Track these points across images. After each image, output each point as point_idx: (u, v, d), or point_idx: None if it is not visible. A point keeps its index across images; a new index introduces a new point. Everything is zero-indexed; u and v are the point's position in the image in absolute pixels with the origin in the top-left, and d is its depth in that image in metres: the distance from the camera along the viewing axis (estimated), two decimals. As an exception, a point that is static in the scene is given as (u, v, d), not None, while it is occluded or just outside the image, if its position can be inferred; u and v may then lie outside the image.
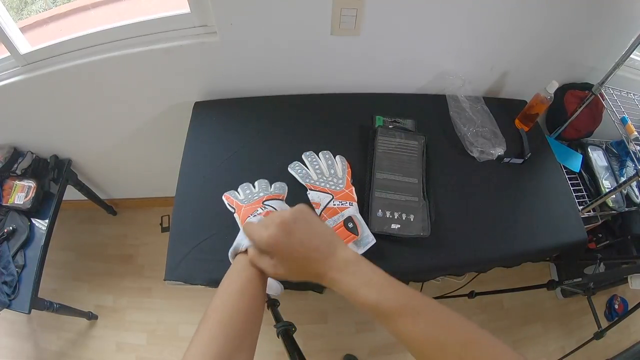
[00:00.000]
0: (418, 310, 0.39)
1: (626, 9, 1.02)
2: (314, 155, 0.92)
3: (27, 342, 1.57)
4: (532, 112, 1.07)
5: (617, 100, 1.12)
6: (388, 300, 0.39)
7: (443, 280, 1.52)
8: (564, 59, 1.17)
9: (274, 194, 0.79)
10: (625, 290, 1.72)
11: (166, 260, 0.82)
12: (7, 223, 1.28)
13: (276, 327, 0.87)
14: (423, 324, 0.38)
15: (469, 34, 1.02)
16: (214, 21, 0.93)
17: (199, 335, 0.40)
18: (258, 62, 1.05)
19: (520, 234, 0.92)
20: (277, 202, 0.77)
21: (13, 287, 1.17)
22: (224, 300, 0.43)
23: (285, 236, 0.42)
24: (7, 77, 1.06)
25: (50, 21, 1.12)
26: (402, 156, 0.94)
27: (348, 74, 1.11)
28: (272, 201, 0.76)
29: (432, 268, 0.91)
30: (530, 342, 1.63)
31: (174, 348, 1.54)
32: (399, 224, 0.83)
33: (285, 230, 0.42)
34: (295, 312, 1.61)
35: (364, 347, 1.55)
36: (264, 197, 0.76)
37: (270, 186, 0.83)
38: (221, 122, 1.05)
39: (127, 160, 1.52)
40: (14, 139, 1.34)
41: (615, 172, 1.31)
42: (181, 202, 0.90)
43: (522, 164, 1.03)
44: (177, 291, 1.60)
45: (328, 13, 0.91)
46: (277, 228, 0.42)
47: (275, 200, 0.77)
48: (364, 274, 0.42)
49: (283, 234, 0.42)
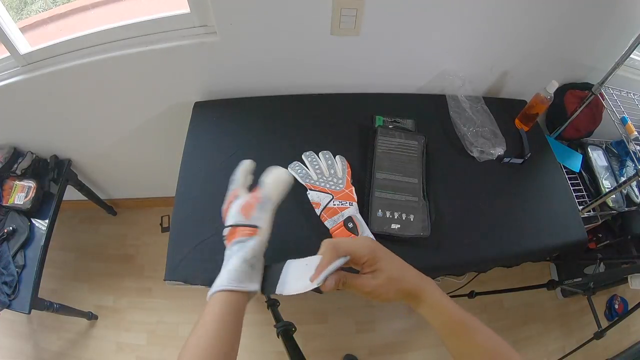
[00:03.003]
0: (476, 328, 0.46)
1: (626, 9, 1.02)
2: (314, 155, 0.92)
3: (27, 342, 1.56)
4: (532, 112, 1.07)
5: (617, 100, 1.12)
6: (457, 314, 0.47)
7: (443, 280, 1.52)
8: (564, 59, 1.17)
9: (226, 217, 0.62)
10: (625, 290, 1.72)
11: (166, 260, 0.82)
12: (7, 223, 1.28)
13: (276, 327, 0.87)
14: (479, 339, 0.46)
15: (469, 34, 1.02)
16: (214, 21, 0.93)
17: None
18: (258, 62, 1.04)
19: (520, 234, 0.92)
20: (230, 216, 0.61)
21: (13, 287, 1.17)
22: (201, 338, 0.47)
23: (383, 251, 0.49)
24: (7, 77, 1.06)
25: (50, 21, 1.12)
26: (402, 156, 0.94)
27: (348, 73, 1.11)
28: (227, 219, 0.61)
29: (432, 268, 0.91)
30: (530, 342, 1.63)
31: (174, 348, 1.54)
32: (398, 224, 0.83)
33: (378, 246, 0.50)
34: (295, 312, 1.61)
35: (364, 347, 1.55)
36: (227, 230, 0.60)
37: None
38: (221, 122, 1.05)
39: (127, 160, 1.52)
40: (14, 139, 1.34)
41: (615, 172, 1.31)
42: (181, 202, 0.90)
43: (522, 164, 1.03)
44: (177, 291, 1.60)
45: (328, 13, 0.91)
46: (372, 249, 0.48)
47: (228, 216, 0.62)
48: (443, 293, 0.49)
49: (380, 248, 0.49)
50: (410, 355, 1.54)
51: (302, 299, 1.64)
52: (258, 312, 1.37)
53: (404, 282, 0.47)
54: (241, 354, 0.48)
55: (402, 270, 0.49)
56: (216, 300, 0.50)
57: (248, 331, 1.17)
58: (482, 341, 0.45)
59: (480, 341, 0.45)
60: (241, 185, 0.64)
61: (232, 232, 0.58)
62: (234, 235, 0.57)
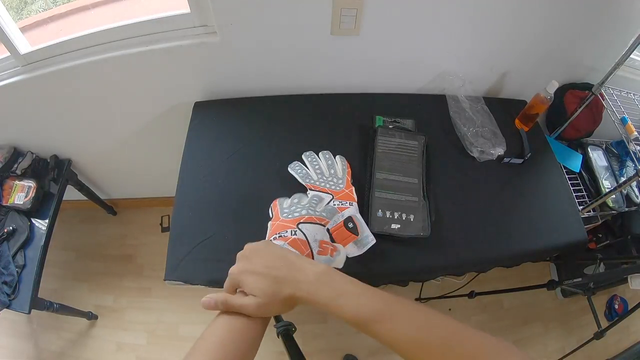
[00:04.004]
0: (395, 314, 0.40)
1: (626, 9, 1.02)
2: (314, 155, 0.92)
3: (27, 342, 1.56)
4: (532, 112, 1.07)
5: (617, 100, 1.12)
6: (365, 307, 0.41)
7: (443, 280, 1.52)
8: (564, 59, 1.17)
9: (317, 216, 0.64)
10: (625, 290, 1.72)
11: (166, 260, 0.82)
12: (7, 223, 1.28)
13: (276, 327, 0.86)
14: (402, 326, 0.39)
15: (469, 34, 1.02)
16: (214, 21, 0.93)
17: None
18: (258, 62, 1.04)
19: (521, 234, 0.92)
20: (313, 228, 0.61)
21: (13, 287, 1.17)
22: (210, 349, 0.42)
23: (248, 263, 0.45)
24: (7, 77, 1.06)
25: (50, 21, 1.12)
26: (402, 156, 0.94)
27: (348, 74, 1.11)
28: (309, 225, 0.61)
29: (432, 268, 0.91)
30: (530, 342, 1.63)
31: (174, 348, 1.54)
32: (398, 224, 0.83)
33: (246, 258, 0.46)
34: (295, 312, 1.60)
35: (364, 347, 1.55)
36: (304, 218, 0.62)
37: (321, 204, 0.70)
38: (221, 122, 1.05)
39: (127, 160, 1.52)
40: (14, 139, 1.34)
41: (615, 172, 1.31)
42: (181, 202, 0.90)
43: (522, 164, 1.03)
44: (177, 291, 1.60)
45: (328, 13, 0.91)
46: (239, 260, 0.47)
47: (313, 225, 0.62)
48: (336, 283, 0.43)
49: (245, 261, 0.46)
50: (410, 355, 1.54)
51: (302, 299, 1.64)
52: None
53: (278, 302, 0.44)
54: (241, 354, 0.48)
55: (274, 293, 0.43)
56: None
57: (248, 331, 1.16)
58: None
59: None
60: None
61: (301, 241, 0.56)
62: (299, 247, 0.56)
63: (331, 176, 0.87)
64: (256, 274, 0.44)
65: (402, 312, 0.40)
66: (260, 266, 0.45)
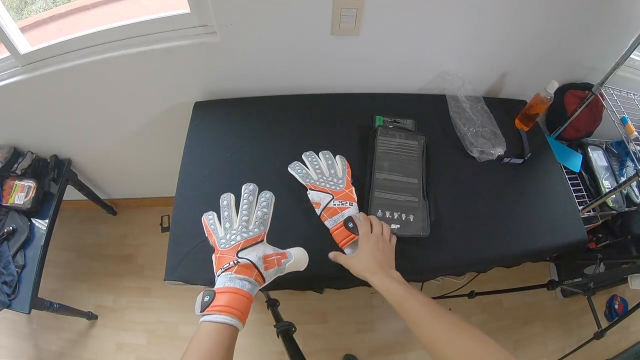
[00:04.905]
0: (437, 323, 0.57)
1: (626, 9, 1.02)
2: (314, 155, 0.92)
3: (27, 342, 1.57)
4: (532, 112, 1.07)
5: (617, 100, 1.12)
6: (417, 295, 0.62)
7: (443, 280, 1.52)
8: (564, 59, 1.17)
9: (252, 237, 0.62)
10: (625, 290, 1.72)
11: (166, 260, 0.82)
12: (7, 223, 1.28)
13: (276, 327, 0.86)
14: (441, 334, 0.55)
15: (469, 34, 1.02)
16: (214, 21, 0.93)
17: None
18: (258, 62, 1.05)
19: (521, 234, 0.92)
20: (252, 249, 0.61)
21: (13, 287, 1.17)
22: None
23: (380, 240, 0.73)
24: (7, 77, 1.06)
25: (50, 21, 1.12)
26: (402, 156, 0.94)
27: (348, 74, 1.11)
28: (248, 249, 0.61)
29: (432, 268, 0.91)
30: (530, 342, 1.63)
31: (174, 348, 1.54)
32: (398, 224, 0.83)
33: (379, 237, 0.73)
34: (295, 312, 1.61)
35: (364, 347, 1.55)
36: (240, 244, 0.61)
37: (250, 222, 0.65)
38: (221, 122, 1.05)
39: (127, 160, 1.52)
40: (14, 139, 1.34)
41: (615, 172, 1.31)
42: (181, 202, 0.90)
43: (522, 164, 1.03)
44: (177, 291, 1.60)
45: (328, 13, 0.91)
46: (374, 235, 0.74)
47: (252, 247, 0.61)
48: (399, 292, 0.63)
49: (378, 238, 0.73)
50: (410, 355, 1.54)
51: (302, 299, 1.64)
52: (258, 312, 1.37)
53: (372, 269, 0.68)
54: (241, 354, 0.48)
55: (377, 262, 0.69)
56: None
57: (248, 331, 1.17)
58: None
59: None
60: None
61: (246, 266, 0.59)
62: (247, 272, 0.58)
63: (331, 176, 0.87)
64: (379, 250, 0.70)
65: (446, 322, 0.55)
66: (382, 247, 0.71)
